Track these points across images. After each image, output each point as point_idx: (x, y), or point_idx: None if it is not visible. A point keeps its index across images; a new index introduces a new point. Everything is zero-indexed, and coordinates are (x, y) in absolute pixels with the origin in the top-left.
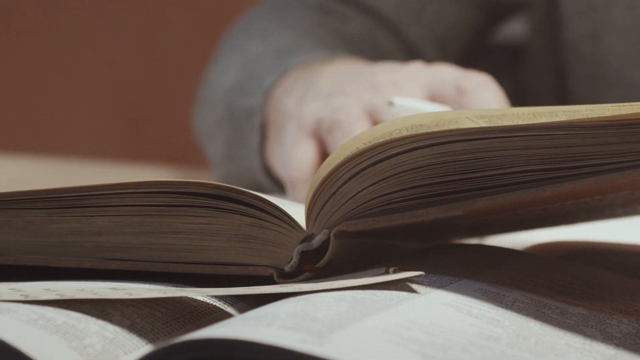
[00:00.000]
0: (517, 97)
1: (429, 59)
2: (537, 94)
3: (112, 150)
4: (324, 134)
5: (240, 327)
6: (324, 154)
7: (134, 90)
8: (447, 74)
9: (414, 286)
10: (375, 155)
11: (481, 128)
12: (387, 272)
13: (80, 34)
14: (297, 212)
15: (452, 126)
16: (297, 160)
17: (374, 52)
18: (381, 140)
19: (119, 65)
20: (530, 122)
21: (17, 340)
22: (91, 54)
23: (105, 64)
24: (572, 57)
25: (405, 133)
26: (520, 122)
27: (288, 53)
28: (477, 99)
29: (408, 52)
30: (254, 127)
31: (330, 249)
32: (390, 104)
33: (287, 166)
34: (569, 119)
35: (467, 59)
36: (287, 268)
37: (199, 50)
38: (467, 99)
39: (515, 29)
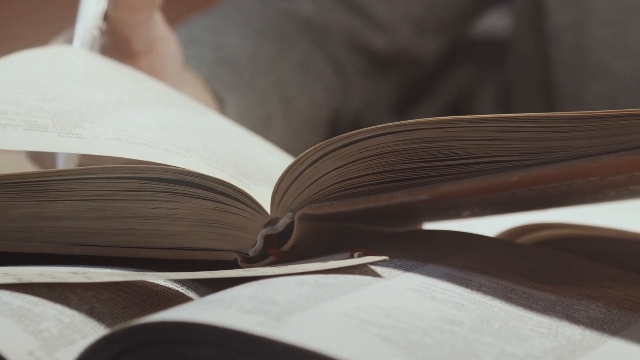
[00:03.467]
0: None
1: (405, 40)
2: (523, 85)
3: None
4: None
5: (197, 310)
6: None
7: None
8: None
9: (379, 270)
10: (341, 139)
11: (447, 118)
12: (351, 257)
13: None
14: (262, 196)
15: None
16: None
17: (338, 32)
18: None
19: None
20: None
21: None
22: None
23: None
24: (556, 46)
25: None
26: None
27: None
28: None
29: (381, 32)
30: None
31: (294, 232)
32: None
33: None
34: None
35: (451, 53)
36: (251, 252)
37: None
38: None
39: (499, 24)
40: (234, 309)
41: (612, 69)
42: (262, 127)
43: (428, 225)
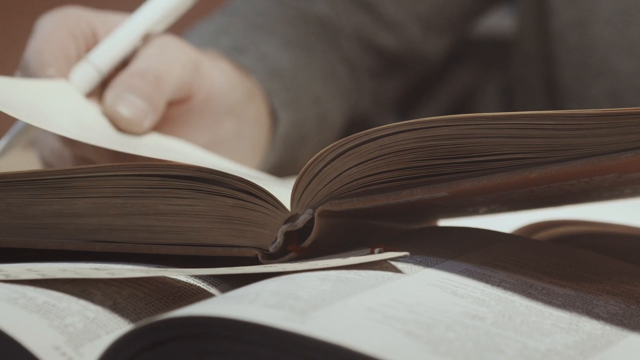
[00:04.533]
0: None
1: (414, 38)
2: (526, 85)
3: None
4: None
5: (222, 304)
6: None
7: None
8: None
9: (399, 266)
10: (360, 137)
11: (466, 116)
12: (372, 253)
13: None
14: (282, 192)
15: None
16: None
17: (350, 32)
18: None
19: None
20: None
21: None
22: None
23: None
24: (560, 45)
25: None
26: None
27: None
28: None
29: (390, 31)
30: None
31: (314, 228)
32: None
33: None
34: None
35: (455, 53)
36: (271, 249)
37: None
38: None
39: (501, 23)
40: (259, 304)
41: (616, 68)
42: (298, 146)
43: (444, 222)
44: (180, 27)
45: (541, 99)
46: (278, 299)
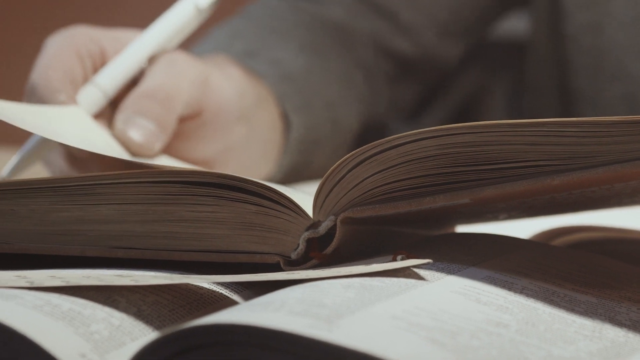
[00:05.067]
0: (516, 92)
1: (430, 44)
2: (539, 88)
3: None
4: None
5: (248, 312)
6: None
7: None
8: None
9: (422, 273)
10: (382, 144)
11: (488, 123)
12: (394, 260)
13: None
14: (304, 199)
15: None
16: None
17: (367, 37)
18: None
19: None
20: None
21: (24, 326)
22: None
23: None
24: (573, 49)
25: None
26: None
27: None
28: None
29: (406, 36)
30: None
31: (336, 235)
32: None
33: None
34: None
35: (469, 56)
36: (293, 255)
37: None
38: None
39: (516, 26)
40: (284, 311)
41: (630, 71)
42: (311, 150)
43: (462, 228)
44: (197, 32)
45: (554, 103)
46: (303, 307)
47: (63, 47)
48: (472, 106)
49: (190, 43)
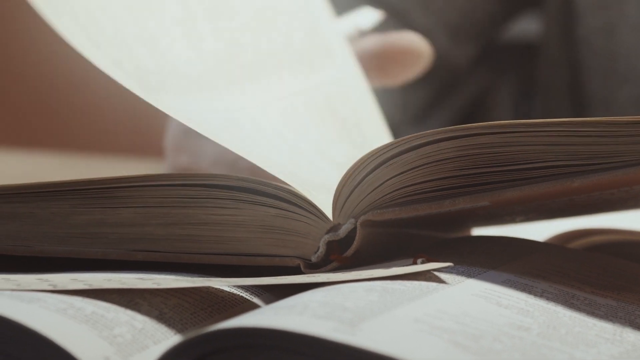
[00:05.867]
0: (527, 94)
1: (441, 47)
2: (551, 90)
3: (123, 146)
4: None
5: (271, 316)
6: None
7: None
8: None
9: (442, 277)
10: (401, 145)
11: (507, 123)
12: (415, 263)
13: None
14: (323, 202)
15: None
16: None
17: None
18: None
19: None
20: None
21: (48, 329)
22: None
23: None
24: (586, 51)
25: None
26: None
27: None
28: None
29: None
30: None
31: (356, 238)
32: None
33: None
34: None
35: (481, 56)
36: (313, 258)
37: None
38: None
39: (528, 27)
40: (308, 315)
41: None
42: None
43: (479, 230)
44: None
45: (566, 104)
46: (326, 310)
47: None
48: (479, 107)
49: None
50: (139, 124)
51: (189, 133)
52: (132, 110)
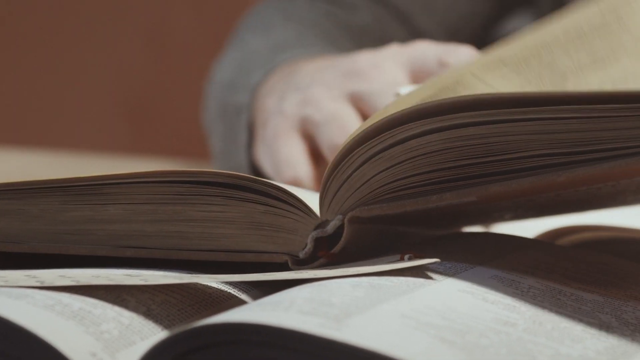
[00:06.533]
0: None
1: None
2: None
3: (117, 143)
4: (312, 128)
5: (258, 311)
6: (313, 151)
7: (138, 84)
8: (428, 49)
9: (429, 273)
10: (387, 139)
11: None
12: (402, 259)
13: (85, 27)
14: (311, 198)
15: (460, 89)
16: (286, 161)
17: (384, 43)
18: (390, 118)
19: (124, 59)
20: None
21: (35, 325)
22: (96, 48)
23: (110, 58)
24: None
25: (415, 105)
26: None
27: (283, 48)
28: None
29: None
30: (242, 125)
31: (344, 234)
32: (397, 95)
33: (278, 167)
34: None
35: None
36: (301, 255)
37: (203, 44)
38: None
39: (520, 25)
40: (294, 310)
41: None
42: None
43: (469, 228)
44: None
45: None
46: (312, 306)
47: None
48: None
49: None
50: (138, 123)
51: None
52: (131, 106)
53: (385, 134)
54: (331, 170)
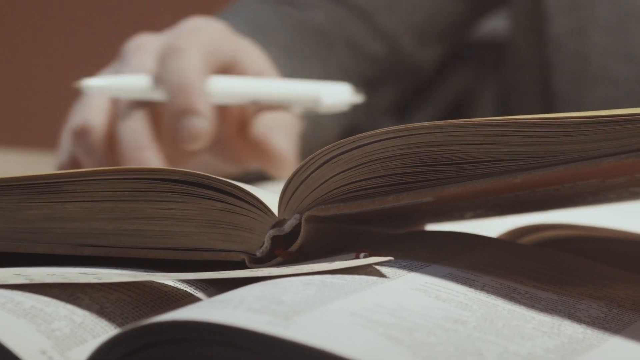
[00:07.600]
0: (502, 94)
1: (406, 48)
2: (522, 91)
3: None
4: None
5: (207, 309)
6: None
7: None
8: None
9: (384, 271)
10: (348, 143)
11: (452, 122)
12: (357, 258)
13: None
14: (270, 198)
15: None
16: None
17: (344, 41)
18: None
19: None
20: None
21: None
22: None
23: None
24: (556, 53)
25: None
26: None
27: None
28: None
29: (383, 40)
30: None
31: (301, 233)
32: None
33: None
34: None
35: (451, 55)
36: (258, 253)
37: None
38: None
39: (498, 25)
40: (243, 308)
41: (614, 75)
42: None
43: (430, 227)
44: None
45: (537, 105)
46: (262, 304)
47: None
48: (461, 107)
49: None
50: None
51: None
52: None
53: (347, 139)
54: (293, 173)
